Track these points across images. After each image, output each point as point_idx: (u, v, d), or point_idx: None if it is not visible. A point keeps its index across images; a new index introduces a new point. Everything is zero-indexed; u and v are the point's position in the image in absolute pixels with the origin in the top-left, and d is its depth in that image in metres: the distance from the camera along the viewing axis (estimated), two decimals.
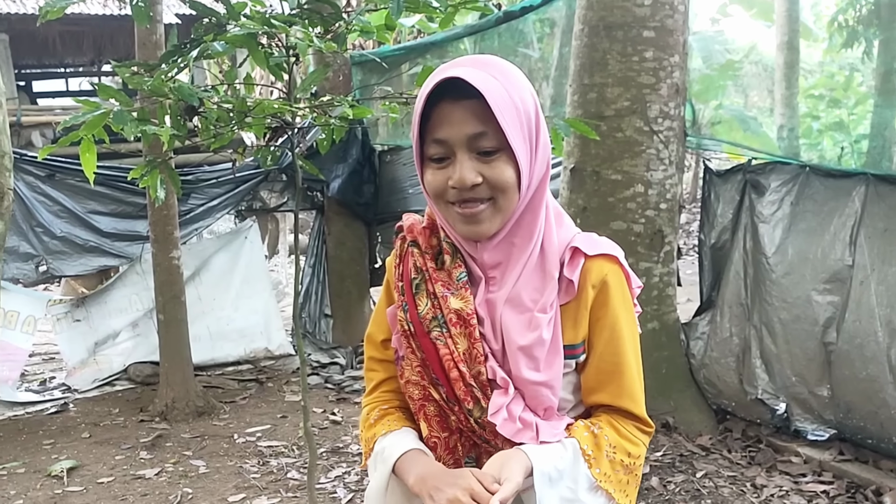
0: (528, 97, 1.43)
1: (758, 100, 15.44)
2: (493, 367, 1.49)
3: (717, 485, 4.33)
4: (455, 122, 1.41)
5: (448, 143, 1.43)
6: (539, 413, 1.51)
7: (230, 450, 5.33)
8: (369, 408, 1.72)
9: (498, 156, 1.42)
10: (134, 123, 2.76)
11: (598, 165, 4.89)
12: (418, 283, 1.56)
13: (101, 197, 6.64)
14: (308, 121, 3.37)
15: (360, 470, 4.83)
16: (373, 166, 7.56)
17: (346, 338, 7.54)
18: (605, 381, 1.55)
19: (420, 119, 1.44)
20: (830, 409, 4.44)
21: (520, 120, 1.41)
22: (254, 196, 7.41)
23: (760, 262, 4.69)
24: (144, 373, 6.89)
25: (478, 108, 1.38)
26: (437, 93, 1.41)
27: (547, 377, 1.48)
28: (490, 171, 1.42)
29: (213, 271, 7.28)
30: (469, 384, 1.50)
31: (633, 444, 1.55)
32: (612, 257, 1.54)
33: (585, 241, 1.54)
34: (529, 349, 1.47)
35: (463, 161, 1.42)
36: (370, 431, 1.66)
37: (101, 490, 4.77)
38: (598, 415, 1.58)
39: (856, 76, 14.53)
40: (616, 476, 1.52)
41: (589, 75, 4.91)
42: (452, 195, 1.45)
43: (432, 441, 1.57)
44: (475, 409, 1.50)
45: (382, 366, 1.72)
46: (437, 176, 1.46)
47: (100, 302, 7.02)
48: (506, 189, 1.43)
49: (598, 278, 1.52)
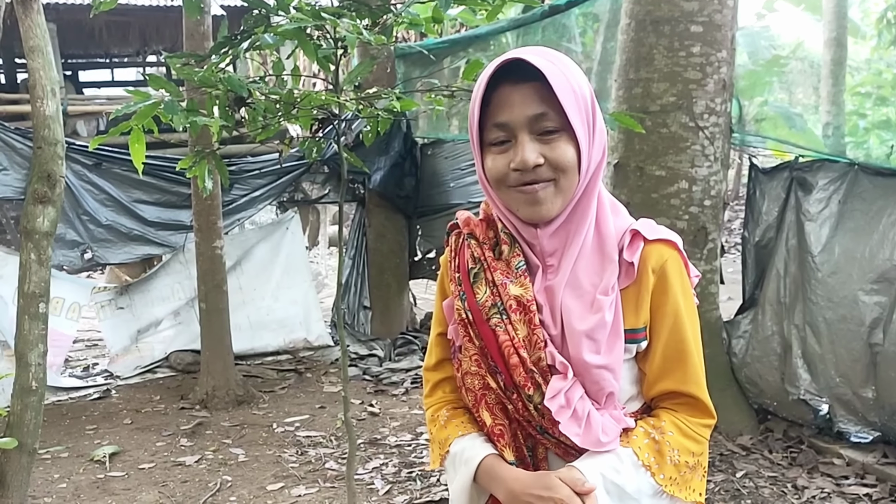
0: (584, 83, 1.45)
1: (803, 97, 15.21)
2: (553, 352, 1.49)
3: (758, 485, 4.29)
4: (516, 105, 1.42)
5: (509, 125, 1.44)
6: (599, 401, 1.50)
7: (269, 439, 5.37)
8: (435, 408, 1.73)
9: (559, 136, 1.43)
10: (183, 114, 2.79)
11: (643, 161, 4.84)
12: (476, 273, 1.56)
13: (146, 186, 6.71)
14: (352, 112, 3.37)
15: (398, 462, 4.85)
16: (414, 159, 7.56)
17: (385, 330, 7.56)
18: (670, 368, 1.54)
19: (480, 104, 1.45)
20: (875, 411, 4.37)
21: (578, 103, 1.42)
22: (296, 187, 7.45)
23: (806, 261, 4.63)
24: (185, 361, 6.97)
25: (537, 90, 1.41)
26: (495, 78, 1.43)
27: (608, 360, 1.48)
28: (551, 152, 1.43)
29: (254, 261, 7.34)
30: (529, 370, 1.49)
31: (697, 443, 1.55)
32: (672, 243, 1.54)
33: (644, 226, 1.53)
34: (591, 332, 1.46)
35: (524, 142, 1.43)
36: (443, 433, 1.67)
37: (143, 476, 4.83)
38: (659, 414, 1.57)
39: None
40: (682, 478, 1.52)
41: (635, 70, 4.87)
42: (514, 178, 1.45)
43: (497, 428, 1.57)
44: (535, 395, 1.49)
45: (441, 366, 1.73)
46: (497, 161, 1.47)
47: (143, 290, 7.11)
48: (567, 169, 1.44)
49: (658, 263, 1.51)
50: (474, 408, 1.61)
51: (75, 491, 4.64)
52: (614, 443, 1.49)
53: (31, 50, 3.07)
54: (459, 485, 1.60)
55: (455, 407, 1.70)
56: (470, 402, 1.62)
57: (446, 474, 1.68)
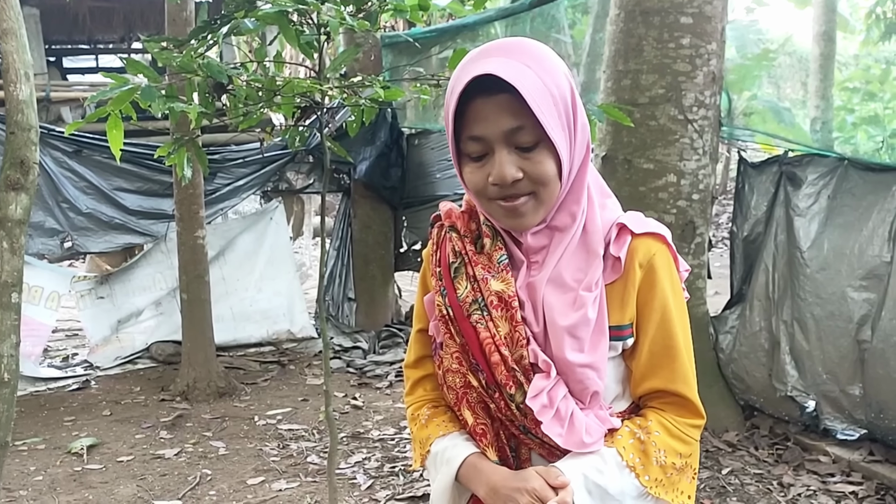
0: (563, 81, 1.37)
1: (790, 92, 15.23)
2: (535, 350, 1.44)
3: (743, 482, 4.25)
4: (490, 119, 1.35)
5: (485, 139, 1.37)
6: (584, 401, 1.45)
7: (250, 432, 5.30)
8: (416, 406, 1.68)
9: (538, 149, 1.36)
10: (162, 100, 2.71)
11: (631, 154, 4.79)
12: (457, 267, 1.51)
13: (128, 174, 6.62)
14: (337, 101, 3.30)
15: (381, 456, 4.80)
16: (401, 150, 7.49)
17: (370, 322, 7.50)
18: (657, 366, 1.48)
19: (454, 116, 1.38)
20: (862, 409, 4.34)
21: (557, 109, 1.35)
22: (280, 177, 7.38)
23: (795, 257, 4.59)
24: (166, 352, 6.89)
25: (513, 101, 1.32)
26: (470, 87, 1.35)
27: (591, 359, 1.43)
28: (530, 166, 1.37)
29: (237, 252, 7.27)
30: (511, 368, 1.44)
31: (685, 444, 1.49)
32: (660, 236, 1.49)
33: (632, 219, 1.48)
34: (573, 329, 1.41)
35: (502, 157, 1.36)
36: (424, 432, 1.62)
37: (121, 468, 4.76)
38: (646, 413, 1.51)
39: (892, 69, 14.29)
40: (669, 479, 1.47)
41: (623, 61, 4.81)
42: (493, 192, 1.39)
43: (479, 428, 1.52)
44: (517, 394, 1.44)
45: (422, 363, 1.68)
46: (476, 174, 1.40)
47: (123, 279, 7.02)
48: (547, 182, 1.38)
49: (646, 258, 1.46)
50: (455, 406, 1.56)
51: (52, 484, 4.56)
52: (598, 443, 1.44)
53: (5, 32, 2.97)
54: (440, 485, 1.56)
55: (436, 405, 1.65)
56: (451, 401, 1.57)
57: (427, 474, 1.62)
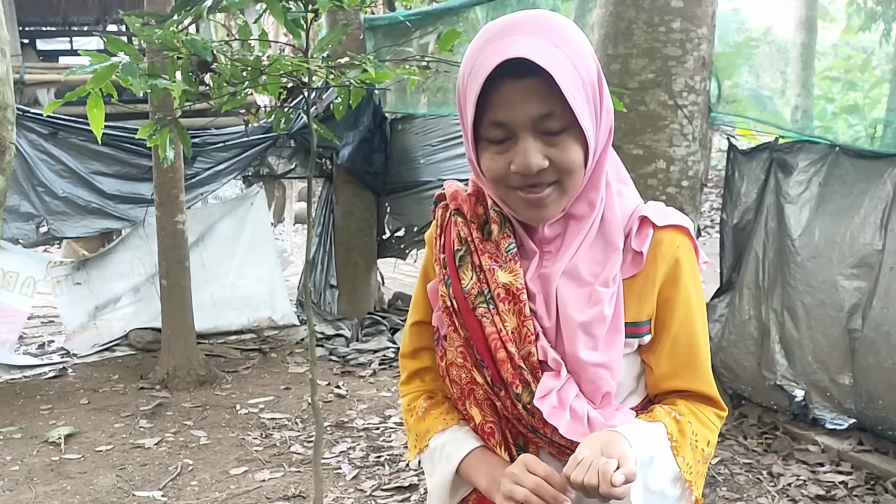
0: (591, 63, 1.29)
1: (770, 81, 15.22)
2: (545, 346, 1.36)
3: (733, 472, 4.22)
4: (518, 104, 1.26)
5: (510, 125, 1.27)
6: (595, 401, 1.37)
7: (232, 421, 5.21)
8: (412, 396, 1.60)
9: (565, 136, 1.28)
10: (143, 78, 2.60)
11: (620, 139, 4.71)
12: (462, 255, 1.42)
13: (105, 157, 6.49)
14: (323, 82, 3.21)
15: (366, 445, 4.72)
16: (384, 135, 7.38)
17: (352, 309, 7.41)
18: (681, 366, 1.41)
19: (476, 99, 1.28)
20: (851, 398, 4.31)
21: (585, 93, 1.27)
22: (261, 162, 7.27)
23: (785, 245, 4.54)
24: (145, 339, 6.77)
25: (543, 85, 1.23)
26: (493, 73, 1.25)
27: (606, 358, 1.35)
28: (557, 154, 1.28)
29: (217, 237, 7.15)
30: (518, 366, 1.36)
31: (712, 433, 1.43)
32: (683, 229, 1.41)
33: (653, 210, 1.40)
34: (588, 326, 1.33)
35: (527, 144, 1.27)
36: (422, 425, 1.54)
37: (100, 458, 4.66)
38: (673, 401, 1.44)
39: (872, 59, 14.33)
40: (696, 467, 1.39)
41: (613, 45, 4.73)
42: (516, 181, 1.30)
43: (488, 426, 1.44)
44: (524, 394, 1.36)
45: (419, 353, 1.60)
46: (496, 161, 1.31)
47: (101, 265, 6.89)
48: (573, 171, 1.30)
49: (670, 252, 1.38)
50: (460, 401, 1.48)
51: (28, 473, 4.45)
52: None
53: None
54: (439, 480, 1.49)
55: (432, 396, 1.57)
56: (455, 395, 1.49)
57: (424, 467, 1.55)
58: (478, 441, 1.46)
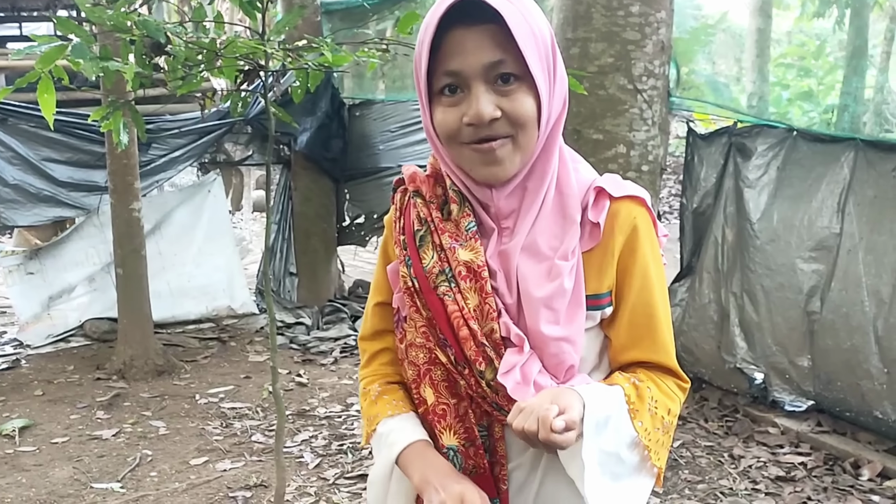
0: (544, 27, 1.31)
1: (725, 68, 15.37)
2: (507, 322, 1.34)
3: (695, 455, 4.25)
4: (469, 50, 1.27)
5: (462, 74, 1.28)
6: (559, 376, 1.36)
7: (191, 411, 5.15)
8: (367, 380, 1.57)
9: (517, 85, 1.28)
10: (95, 60, 2.53)
11: (580, 124, 4.71)
12: (423, 235, 1.41)
13: (57, 144, 6.34)
14: (281, 65, 3.15)
15: (328, 434, 4.69)
16: (342, 120, 7.31)
17: (312, 297, 7.34)
18: (639, 337, 1.40)
19: (429, 49, 1.28)
20: (810, 380, 4.36)
21: (538, 48, 1.28)
22: (218, 148, 7.16)
23: (744, 228, 4.58)
24: (101, 329, 6.65)
25: (494, 33, 1.26)
26: (445, 20, 1.26)
27: (568, 332, 1.33)
28: (509, 104, 1.28)
29: (174, 225, 7.04)
30: (481, 343, 1.34)
31: (673, 402, 1.40)
32: (640, 199, 1.40)
33: (609, 182, 1.39)
34: (549, 300, 1.32)
35: (479, 94, 1.27)
36: (373, 409, 1.52)
37: (55, 450, 4.57)
38: (634, 370, 1.41)
39: (826, 45, 14.50)
40: (655, 434, 1.36)
41: (572, 29, 4.71)
42: (468, 134, 1.30)
43: (440, 408, 1.42)
44: (487, 371, 1.35)
45: (379, 336, 1.57)
46: (448, 114, 1.31)
47: (54, 254, 6.76)
48: (526, 123, 1.29)
49: (627, 222, 1.37)
50: (415, 383, 1.45)
51: None
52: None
53: None
54: (379, 469, 1.47)
55: (389, 381, 1.55)
56: (411, 377, 1.46)
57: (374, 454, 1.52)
58: (423, 434, 1.44)
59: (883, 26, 11.29)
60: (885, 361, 3.96)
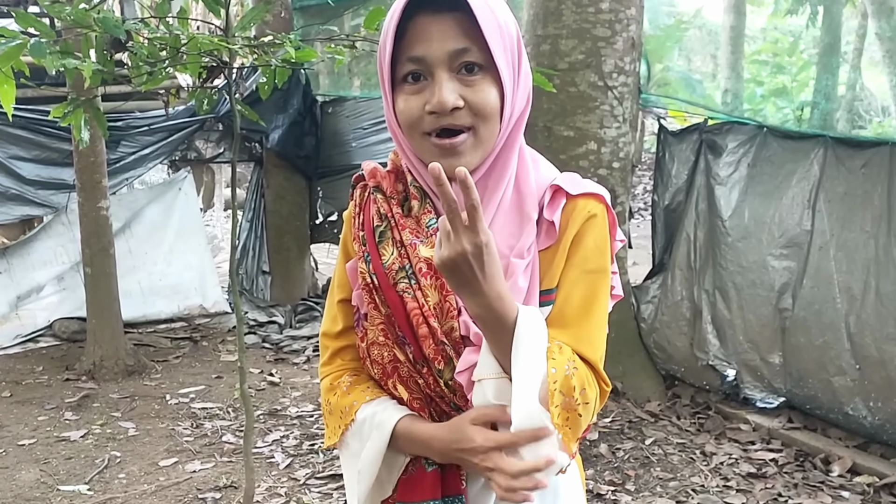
0: (510, 20, 1.30)
1: (700, 64, 15.41)
2: (467, 321, 1.31)
3: (667, 452, 4.24)
4: (434, 38, 1.25)
5: (426, 60, 1.26)
6: None
7: (162, 411, 5.09)
8: (334, 375, 1.52)
9: (481, 76, 1.27)
10: (55, 56, 2.49)
11: (550, 121, 4.70)
12: (382, 231, 1.38)
13: (23, 142, 6.26)
14: (249, 62, 3.12)
15: (300, 434, 4.65)
16: (314, 118, 7.27)
17: (285, 296, 7.30)
18: (567, 324, 1.33)
19: (393, 36, 1.27)
20: (781, 377, 4.37)
21: (504, 40, 1.27)
22: (188, 146, 7.10)
23: (716, 226, 4.58)
24: (70, 329, 6.57)
25: (459, 22, 1.25)
26: (411, 7, 1.25)
27: None
28: (472, 94, 1.27)
29: (144, 223, 6.97)
30: (440, 341, 1.32)
31: (591, 389, 1.29)
32: (598, 197, 1.37)
33: (567, 180, 1.37)
34: None
35: (442, 81, 1.26)
36: (346, 400, 1.45)
37: (23, 452, 4.51)
38: None
39: (800, 42, 14.57)
40: (561, 398, 1.24)
41: (543, 26, 4.71)
42: (429, 123, 1.28)
43: (416, 403, 1.39)
44: (446, 371, 1.33)
45: (344, 333, 1.53)
46: (410, 102, 1.29)
47: (22, 253, 6.67)
48: (488, 115, 1.28)
49: (581, 217, 1.34)
50: (383, 380, 1.43)
51: None
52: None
53: None
54: (371, 452, 1.40)
55: (356, 374, 1.51)
56: (377, 375, 1.43)
57: (346, 449, 1.45)
58: (406, 410, 1.39)
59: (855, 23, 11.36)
60: (857, 358, 3.98)
